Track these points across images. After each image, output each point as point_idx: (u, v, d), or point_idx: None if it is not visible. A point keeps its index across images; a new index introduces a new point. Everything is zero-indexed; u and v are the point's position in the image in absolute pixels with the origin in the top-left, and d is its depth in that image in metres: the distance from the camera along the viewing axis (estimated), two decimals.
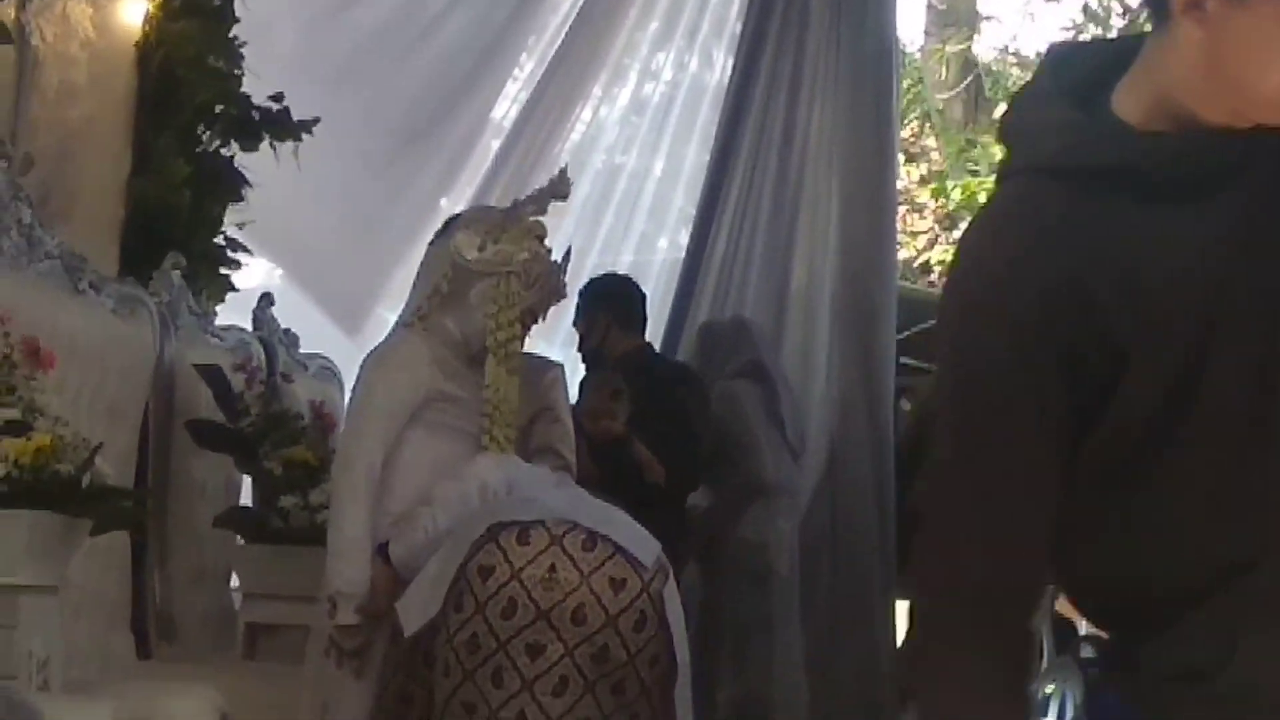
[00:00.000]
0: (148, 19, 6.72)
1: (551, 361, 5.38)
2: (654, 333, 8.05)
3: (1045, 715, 7.14)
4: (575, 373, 6.56)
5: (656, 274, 8.58)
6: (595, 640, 4.33)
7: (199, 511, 6.26)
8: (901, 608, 8.44)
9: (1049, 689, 7.29)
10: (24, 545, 4.17)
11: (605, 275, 7.43)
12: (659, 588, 4.39)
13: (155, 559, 6.04)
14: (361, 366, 5.03)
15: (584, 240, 8.55)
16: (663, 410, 6.53)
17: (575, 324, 7.01)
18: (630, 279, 7.37)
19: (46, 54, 6.26)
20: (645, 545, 4.46)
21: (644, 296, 7.11)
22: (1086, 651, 10.36)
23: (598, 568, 4.34)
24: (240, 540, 6.24)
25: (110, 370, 5.60)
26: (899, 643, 8.16)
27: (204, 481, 6.37)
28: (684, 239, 8.60)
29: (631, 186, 9.29)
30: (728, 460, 7.02)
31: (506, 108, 9.24)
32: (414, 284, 5.17)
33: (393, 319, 5.44)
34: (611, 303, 6.79)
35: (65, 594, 4.47)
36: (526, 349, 4.99)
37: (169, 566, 6.13)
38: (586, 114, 9.08)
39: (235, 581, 6.51)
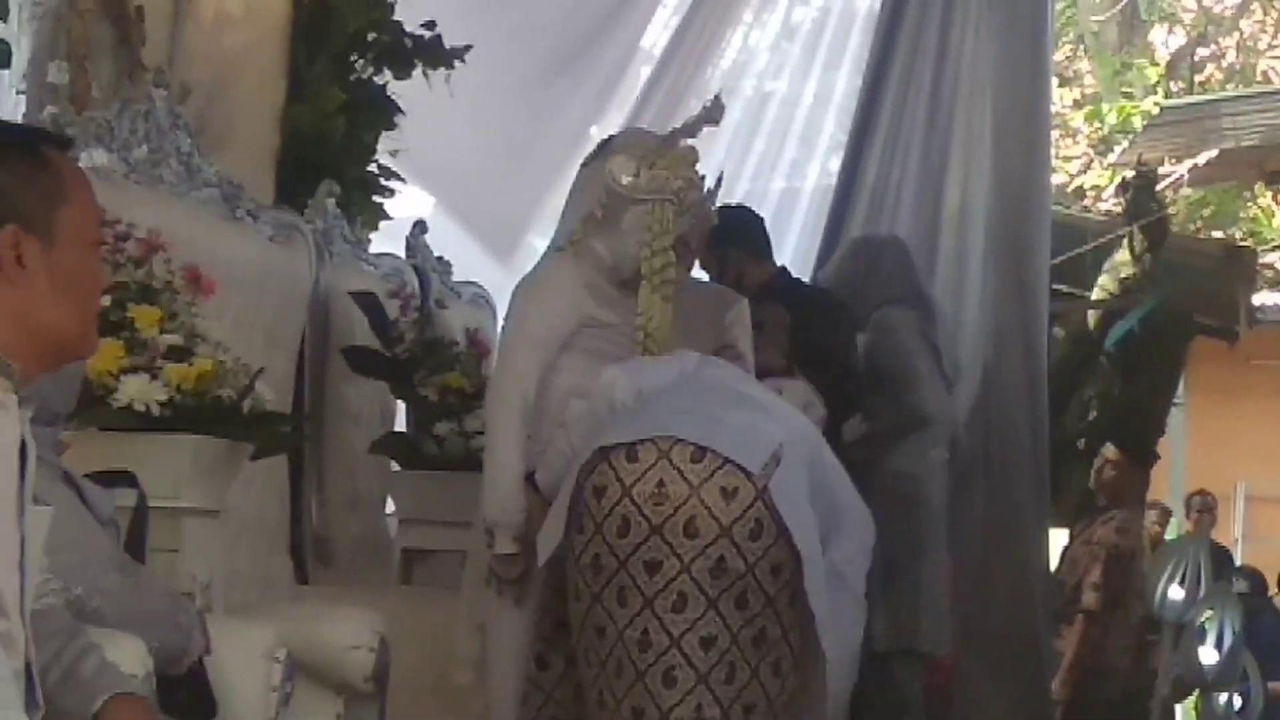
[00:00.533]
0: None
1: (733, 294, 5.32)
2: (805, 259, 8.02)
3: (1204, 642, 7.06)
4: None
5: (807, 201, 8.53)
6: (710, 553, 4.19)
7: (354, 438, 6.31)
8: (1055, 536, 8.38)
9: (1207, 615, 7.21)
10: (187, 469, 4.22)
11: (720, 209, 7.35)
12: (774, 488, 4.26)
13: (312, 485, 6.10)
14: (514, 294, 5.00)
15: (734, 167, 8.50)
16: (810, 340, 6.47)
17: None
18: (746, 207, 7.29)
19: None
20: (754, 449, 4.33)
21: (763, 220, 7.01)
22: (1240, 587, 10.29)
23: (707, 478, 4.21)
24: (395, 466, 6.29)
25: (267, 297, 5.65)
26: (1051, 571, 8.12)
27: (359, 408, 6.42)
28: (835, 165, 8.54)
29: (782, 113, 9.24)
30: (883, 392, 6.94)
31: (657, 35, 9.21)
32: (565, 208, 5.13)
33: (543, 246, 5.43)
34: (740, 236, 6.69)
35: (226, 518, 4.52)
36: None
37: (325, 492, 6.19)
38: (737, 40, 9.04)
39: (390, 507, 6.57)
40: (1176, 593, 7.63)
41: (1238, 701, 7.18)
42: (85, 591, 3.27)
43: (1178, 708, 8.74)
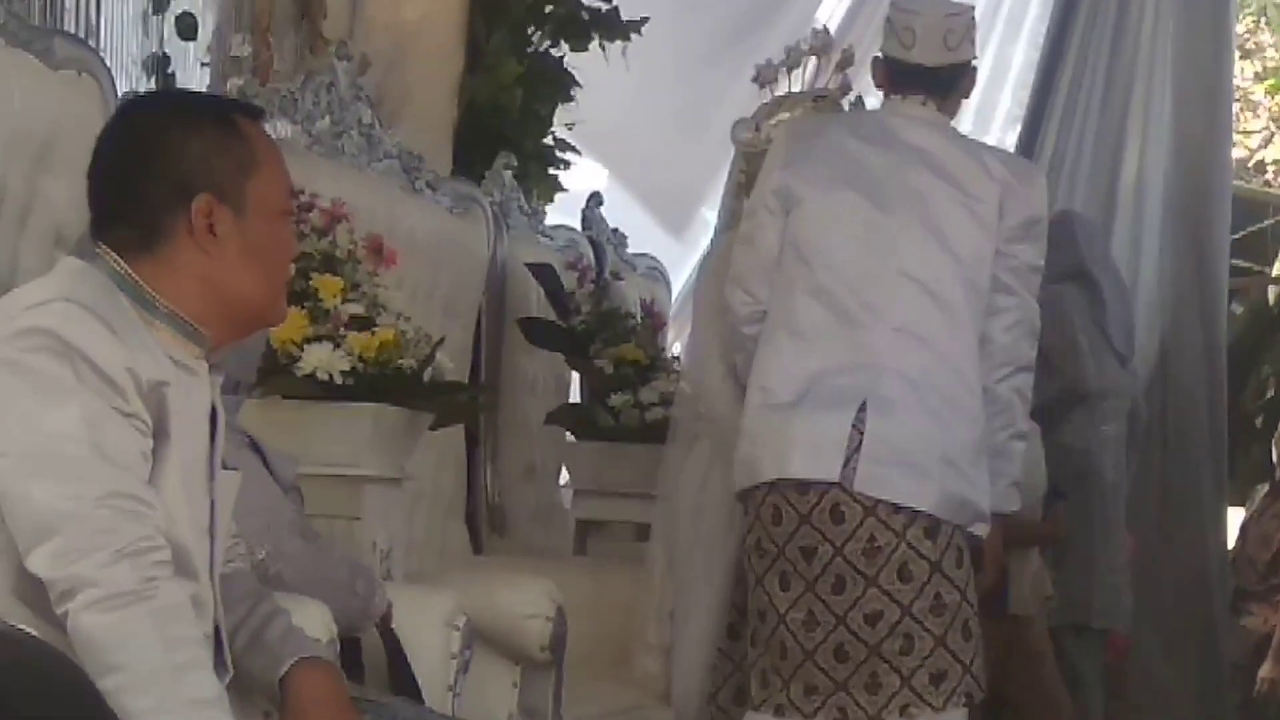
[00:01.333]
0: None
1: None
2: None
3: None
4: None
5: None
6: (859, 535, 4.24)
7: (530, 408, 6.35)
8: (1233, 514, 8.27)
9: None
10: (368, 437, 4.26)
11: None
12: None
13: (488, 454, 6.14)
14: (697, 283, 5.05)
15: None
16: None
17: None
18: None
19: None
20: None
21: None
22: None
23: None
24: (570, 437, 6.32)
25: (446, 268, 5.69)
26: (1230, 549, 8.01)
27: (535, 378, 6.45)
28: (1011, 139, 8.46)
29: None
30: (1048, 366, 6.89)
31: (832, 8, 9.15)
32: (724, 188, 5.16)
33: (714, 219, 5.44)
34: None
35: (405, 486, 4.56)
36: None
37: (501, 462, 6.22)
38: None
39: (565, 477, 6.60)
40: None
41: None
42: (268, 556, 3.31)
43: None
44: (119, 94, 4.19)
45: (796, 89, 5.15)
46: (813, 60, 5.17)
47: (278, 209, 2.77)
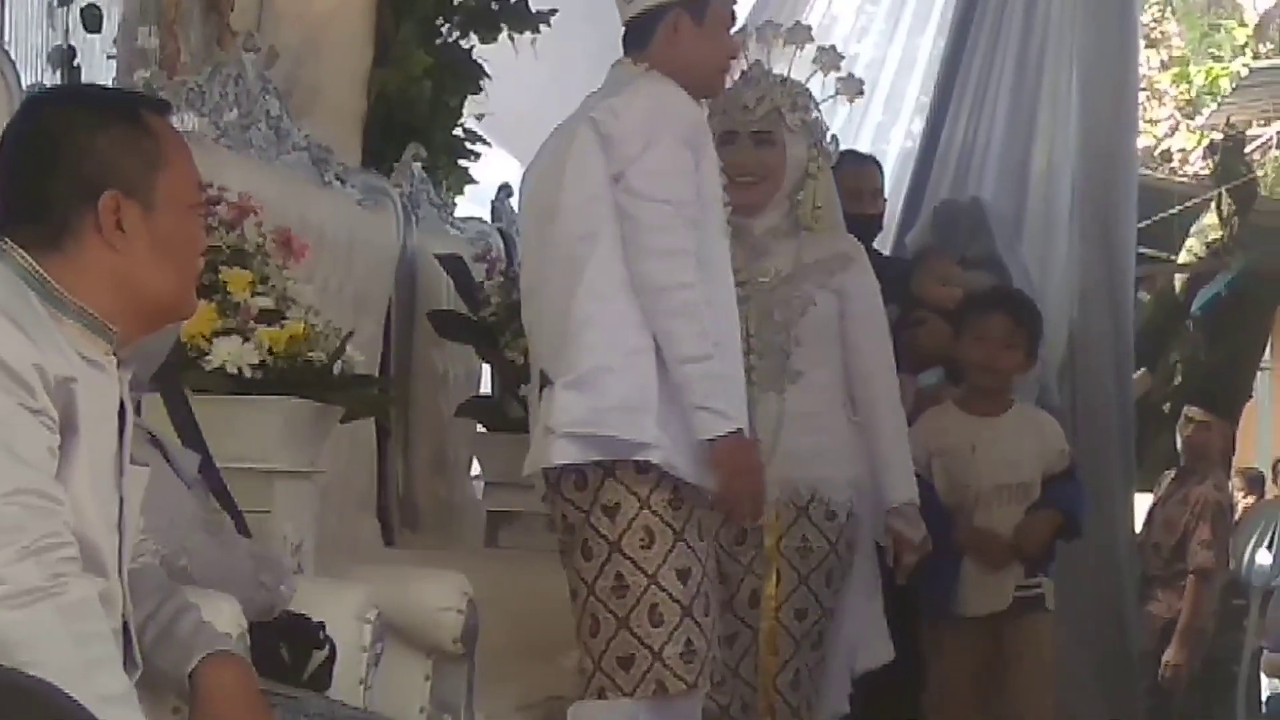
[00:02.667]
0: None
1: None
2: (889, 225, 7.99)
3: None
4: None
5: (892, 164, 8.49)
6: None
7: (441, 401, 6.34)
8: (1140, 500, 8.35)
9: None
10: (279, 431, 4.24)
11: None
12: None
13: (399, 447, 6.14)
14: None
15: None
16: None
17: None
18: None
19: None
20: None
21: None
22: None
23: None
24: (482, 429, 6.31)
25: (356, 260, 5.68)
26: (1137, 533, 8.08)
27: (446, 371, 6.45)
28: (919, 128, 8.50)
29: (867, 76, 9.12)
30: None
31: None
32: None
33: None
34: None
35: (316, 480, 4.55)
36: None
37: (412, 455, 6.22)
38: (821, 4, 8.97)
39: (476, 469, 6.60)
40: (1264, 557, 7.60)
41: None
42: (172, 551, 3.30)
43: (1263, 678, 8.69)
44: (24, 88, 4.17)
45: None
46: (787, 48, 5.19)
47: (186, 203, 2.77)
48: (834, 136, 5.23)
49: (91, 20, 5.44)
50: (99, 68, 5.50)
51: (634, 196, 4.24)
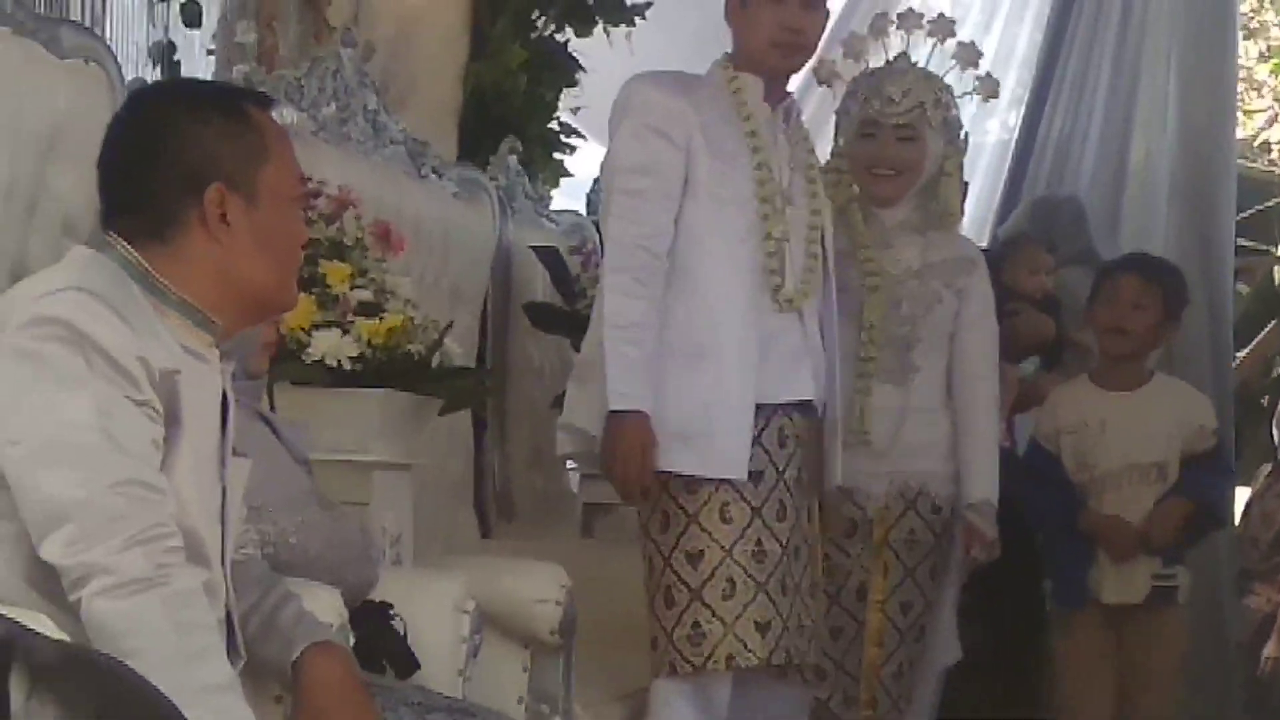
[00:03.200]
0: None
1: None
2: (984, 217, 7.96)
3: None
4: None
5: (988, 156, 8.46)
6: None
7: (536, 392, 6.36)
8: (1240, 494, 8.28)
9: None
10: (377, 423, 4.26)
11: None
12: None
13: (495, 439, 6.16)
14: None
15: None
16: None
17: None
18: None
19: None
20: None
21: None
22: None
23: None
24: None
25: (452, 253, 5.70)
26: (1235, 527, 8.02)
27: (541, 363, 6.46)
28: (1014, 120, 8.47)
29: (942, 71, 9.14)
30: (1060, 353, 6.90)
31: None
32: None
33: None
34: None
35: (414, 472, 4.57)
36: None
37: (508, 446, 6.24)
38: None
39: (572, 462, 6.60)
40: None
41: None
42: (288, 524, 3.33)
43: None
44: (125, 82, 4.20)
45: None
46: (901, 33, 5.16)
47: (288, 196, 2.79)
48: (966, 134, 5.20)
49: (191, 15, 5.49)
50: (198, 63, 5.55)
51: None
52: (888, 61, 5.05)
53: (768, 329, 4.33)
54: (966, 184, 6.77)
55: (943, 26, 5.12)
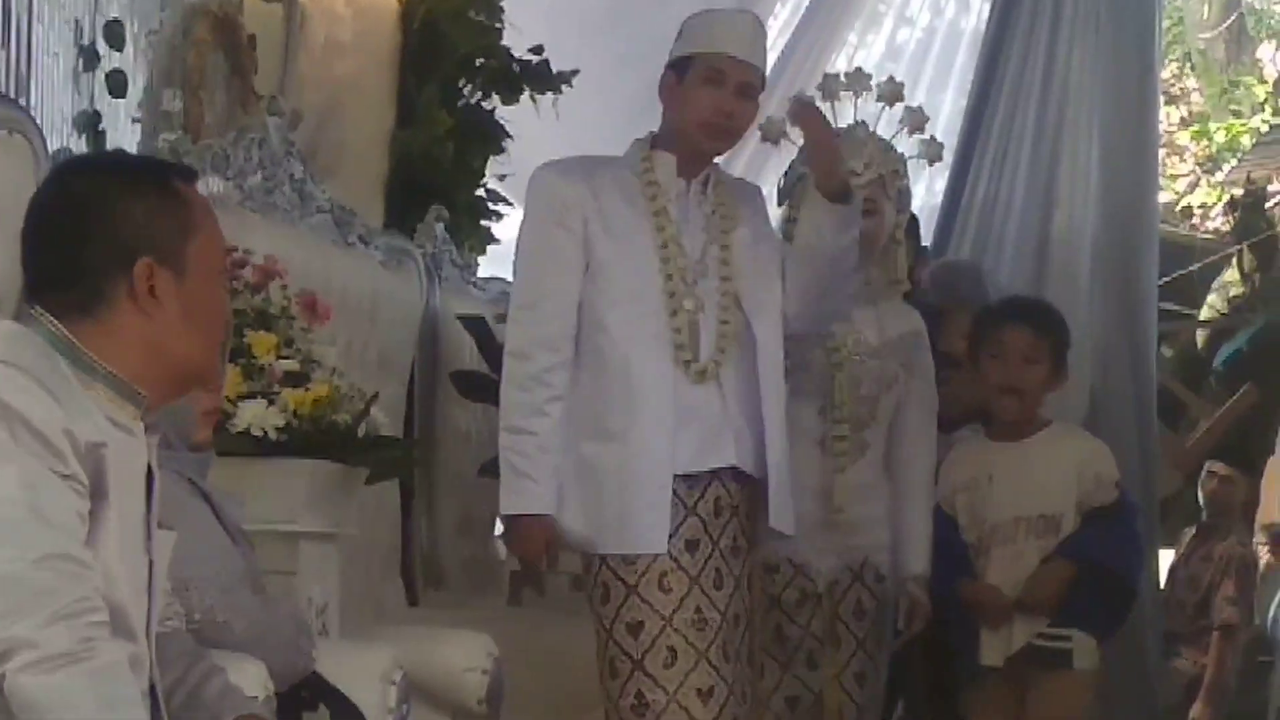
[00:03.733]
0: None
1: None
2: None
3: None
4: None
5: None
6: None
7: (464, 460, 6.36)
8: (1164, 556, 8.33)
9: None
10: (304, 493, 4.26)
11: None
12: None
13: (423, 507, 6.15)
14: None
15: None
16: None
17: None
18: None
19: (313, 11, 6.39)
20: None
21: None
22: None
23: None
24: None
25: (380, 322, 5.71)
26: (1161, 589, 8.06)
27: (468, 430, 6.47)
28: (940, 186, 8.52)
29: (887, 134, 9.22)
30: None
31: (769, 62, 9.21)
32: None
33: None
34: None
35: (341, 541, 4.56)
36: None
37: (436, 514, 6.24)
38: (841, 62, 9.01)
39: (499, 528, 6.59)
40: None
41: None
42: (216, 606, 3.32)
43: None
44: (50, 153, 4.20)
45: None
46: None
47: (215, 269, 2.81)
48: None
49: (116, 84, 5.47)
50: (124, 132, 5.52)
51: None
52: (846, 127, 5.04)
53: (686, 401, 4.33)
54: (926, 248, 6.83)
55: (893, 91, 5.14)
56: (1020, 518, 5.07)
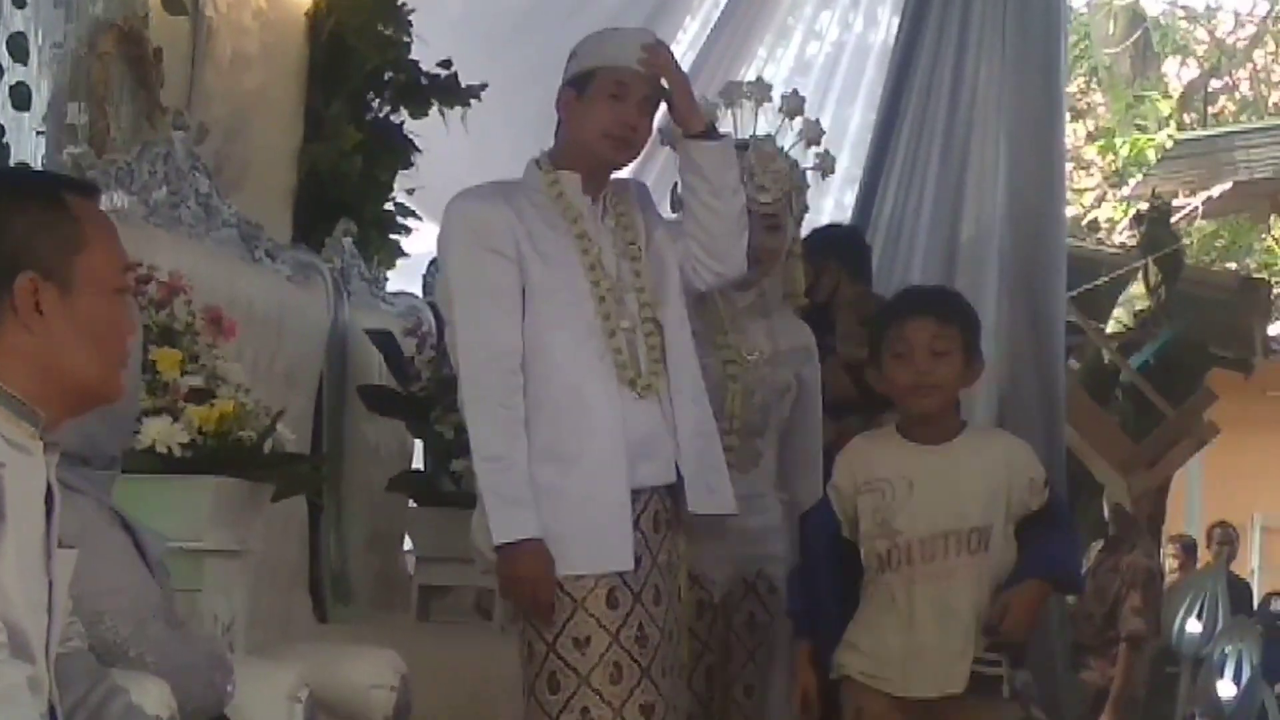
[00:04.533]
0: None
1: None
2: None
3: (1222, 676, 7.06)
4: None
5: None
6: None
7: (372, 476, 6.33)
8: None
9: (1227, 649, 7.20)
10: (209, 510, 4.24)
11: (831, 226, 7.23)
12: None
13: (331, 523, 6.12)
14: None
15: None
16: None
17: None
18: (858, 228, 7.37)
19: (220, 24, 6.36)
20: None
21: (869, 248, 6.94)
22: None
23: None
24: (413, 503, 6.31)
25: (287, 337, 5.67)
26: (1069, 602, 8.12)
27: (377, 446, 6.44)
28: (849, 199, 8.56)
29: (785, 145, 9.25)
30: None
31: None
32: None
33: None
34: (844, 252, 6.56)
35: (247, 558, 4.53)
36: None
37: (344, 530, 6.21)
38: (750, 75, 9.05)
39: (408, 544, 6.58)
40: (1194, 626, 7.65)
41: None
42: (130, 638, 3.29)
43: None
44: None
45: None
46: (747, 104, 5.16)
47: (109, 286, 2.75)
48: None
49: (20, 97, 5.42)
50: (27, 145, 5.48)
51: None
52: (751, 139, 5.05)
53: (633, 417, 4.34)
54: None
55: (795, 105, 5.15)
56: (950, 532, 4.46)
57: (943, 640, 4.46)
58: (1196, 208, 15.11)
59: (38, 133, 5.55)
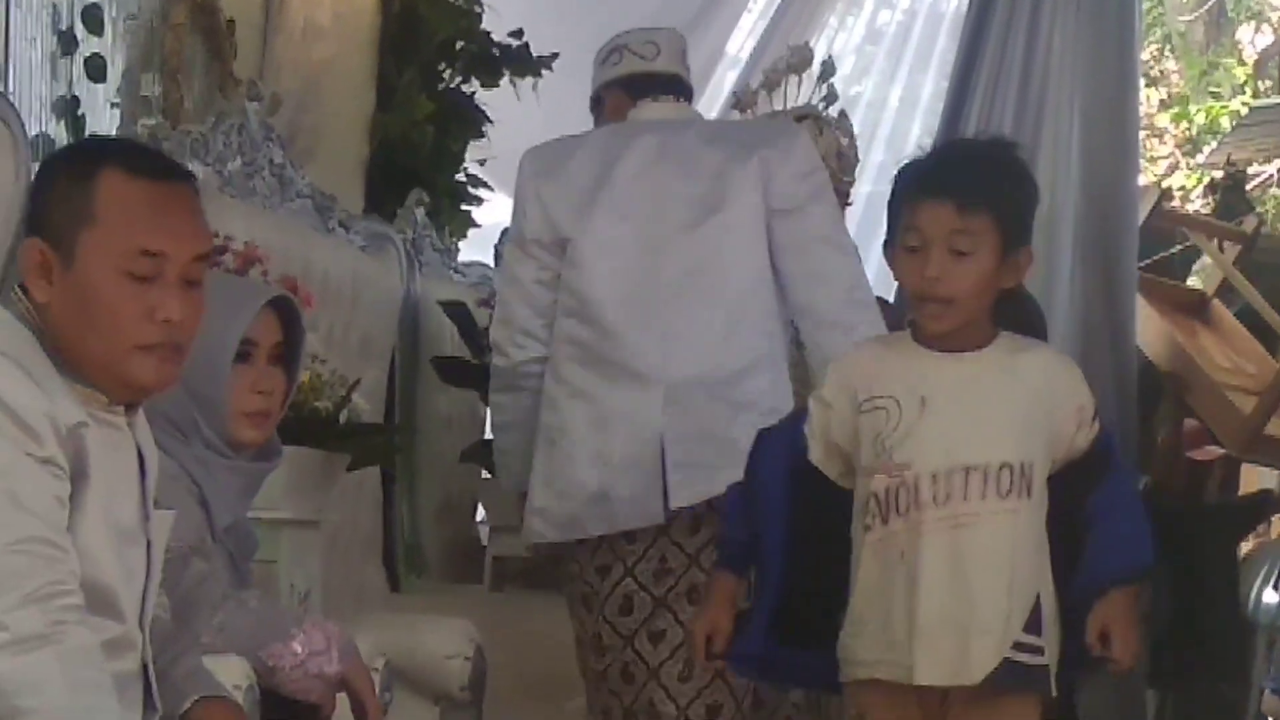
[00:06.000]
0: None
1: None
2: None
3: None
4: None
5: None
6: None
7: (446, 446, 6.35)
8: None
9: None
10: (285, 481, 4.22)
11: None
12: None
13: (404, 493, 6.14)
14: None
15: None
16: None
17: None
18: None
19: None
20: None
21: None
22: None
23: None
24: (485, 474, 6.31)
25: (360, 308, 5.69)
26: None
27: (449, 416, 6.45)
28: None
29: (868, 116, 9.22)
30: None
31: (742, 40, 9.22)
32: None
33: None
34: None
35: (323, 529, 4.55)
36: None
37: (418, 500, 6.22)
38: (822, 45, 9.01)
39: (481, 514, 6.59)
40: (1271, 596, 7.58)
41: None
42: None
43: None
44: (29, 138, 4.17)
45: (779, 108, 5.16)
46: (793, 78, 5.17)
47: (118, 267, 2.66)
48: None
49: (95, 69, 5.44)
50: (103, 117, 5.50)
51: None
52: (825, 114, 5.06)
53: None
54: None
55: (801, 58, 5.18)
56: (972, 466, 3.34)
57: (957, 611, 3.33)
58: (1271, 175, 14.97)
59: (112, 104, 5.57)
